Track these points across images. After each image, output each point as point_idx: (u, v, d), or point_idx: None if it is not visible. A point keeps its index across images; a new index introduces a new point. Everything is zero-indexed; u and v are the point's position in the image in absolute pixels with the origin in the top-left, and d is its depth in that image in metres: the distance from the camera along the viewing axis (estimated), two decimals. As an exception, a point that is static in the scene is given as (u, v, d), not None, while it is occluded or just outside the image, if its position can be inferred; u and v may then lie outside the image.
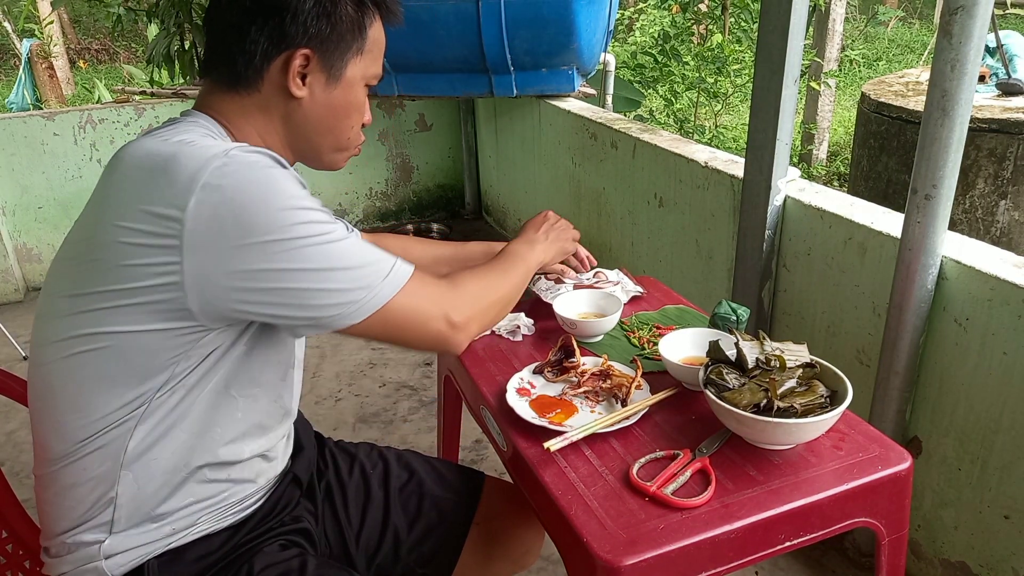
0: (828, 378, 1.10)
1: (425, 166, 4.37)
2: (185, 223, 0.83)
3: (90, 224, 0.92)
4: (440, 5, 2.76)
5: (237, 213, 0.84)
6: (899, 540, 1.12)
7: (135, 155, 0.90)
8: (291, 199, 0.87)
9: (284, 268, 0.87)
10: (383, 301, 0.93)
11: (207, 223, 0.83)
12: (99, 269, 0.88)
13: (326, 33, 0.98)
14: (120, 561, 0.97)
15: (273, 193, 0.86)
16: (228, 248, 0.84)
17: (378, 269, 0.94)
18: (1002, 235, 3.06)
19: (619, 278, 1.60)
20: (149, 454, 0.94)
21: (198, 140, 0.91)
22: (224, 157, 0.85)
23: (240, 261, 0.85)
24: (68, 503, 0.96)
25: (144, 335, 0.88)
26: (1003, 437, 1.48)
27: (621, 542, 0.93)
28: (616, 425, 1.13)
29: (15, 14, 9.74)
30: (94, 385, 0.91)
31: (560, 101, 3.20)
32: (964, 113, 1.40)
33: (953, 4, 1.33)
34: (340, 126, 1.06)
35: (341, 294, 0.90)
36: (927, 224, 1.47)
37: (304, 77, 0.99)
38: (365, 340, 3.05)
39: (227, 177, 0.84)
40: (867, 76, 8.85)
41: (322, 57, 0.99)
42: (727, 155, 2.29)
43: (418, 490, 1.31)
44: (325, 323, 0.92)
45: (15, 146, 3.53)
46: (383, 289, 0.93)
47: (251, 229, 0.84)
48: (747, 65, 4.73)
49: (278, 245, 0.86)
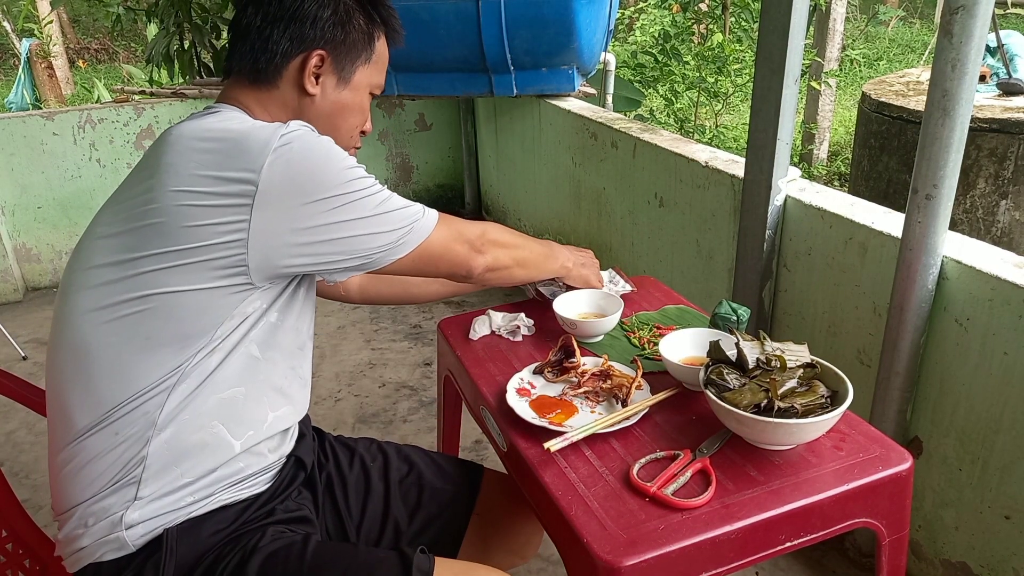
0: (829, 378, 1.09)
1: (425, 166, 4.36)
2: (260, 184, 0.93)
3: (138, 195, 0.99)
4: (440, 4, 2.76)
5: (306, 173, 0.96)
6: (900, 540, 1.12)
7: (194, 133, 0.99)
8: (345, 159, 1.01)
9: (344, 220, 0.98)
10: (422, 238, 1.07)
11: (279, 182, 0.94)
12: (159, 232, 0.95)
13: (340, 39, 1.11)
14: (140, 531, 0.99)
15: (332, 156, 1.00)
16: (296, 205, 0.95)
17: (413, 211, 1.07)
18: (1003, 235, 3.05)
19: (611, 277, 1.60)
20: (181, 416, 0.99)
21: (249, 120, 1.04)
22: (287, 128, 0.97)
23: (307, 216, 0.96)
24: (95, 471, 0.99)
25: (196, 294, 0.96)
26: (1004, 437, 1.48)
27: (621, 543, 0.93)
28: (616, 425, 1.13)
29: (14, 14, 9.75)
30: (138, 348, 0.97)
31: (560, 101, 3.20)
32: (965, 113, 1.40)
33: (954, 4, 1.33)
34: (344, 125, 1.16)
35: (388, 235, 1.03)
36: (928, 224, 1.47)
37: (318, 77, 1.11)
38: (364, 340, 3.06)
39: (295, 142, 0.96)
40: (868, 76, 8.85)
41: (335, 60, 1.11)
42: (727, 155, 2.29)
43: (417, 482, 1.33)
44: (375, 261, 1.05)
45: (14, 146, 3.53)
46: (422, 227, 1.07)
47: (318, 186, 0.96)
48: (747, 65, 4.73)
49: (339, 199, 0.98)
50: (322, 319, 3.22)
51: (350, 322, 3.23)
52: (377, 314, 3.29)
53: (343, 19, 1.11)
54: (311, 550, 1.04)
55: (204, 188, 0.94)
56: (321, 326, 3.17)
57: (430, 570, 1.02)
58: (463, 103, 4.13)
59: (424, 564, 1.02)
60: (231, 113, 1.07)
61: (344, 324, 3.22)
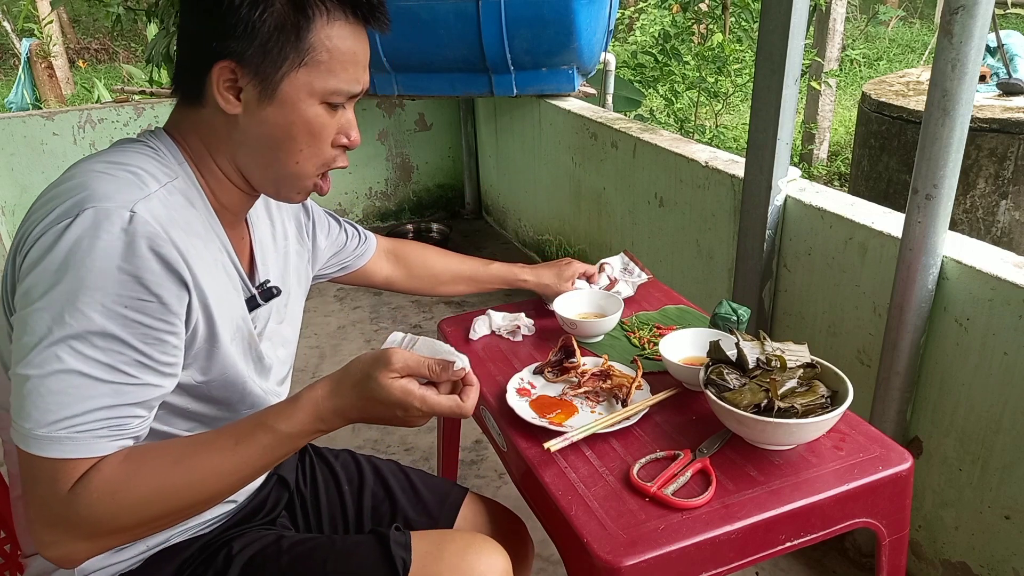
0: (829, 378, 1.09)
1: (425, 166, 4.36)
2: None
3: None
4: (440, 4, 2.76)
5: (43, 274, 0.78)
6: (900, 540, 1.12)
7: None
8: (107, 298, 0.77)
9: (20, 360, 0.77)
10: (25, 445, 0.77)
11: (24, 267, 0.80)
12: None
13: (249, 42, 0.85)
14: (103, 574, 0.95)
15: (93, 283, 0.77)
16: (19, 301, 0.79)
17: (58, 419, 0.76)
18: (1003, 235, 3.05)
19: (624, 264, 1.60)
20: None
21: (98, 175, 0.83)
22: (98, 204, 0.79)
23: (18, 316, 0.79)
24: None
25: None
26: (1004, 437, 1.48)
27: (621, 543, 0.93)
28: (616, 425, 1.13)
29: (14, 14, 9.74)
30: None
31: (560, 101, 3.20)
32: (965, 113, 1.40)
33: (954, 4, 1.33)
34: (283, 149, 0.91)
35: (17, 408, 0.77)
36: (928, 224, 1.47)
37: (239, 92, 0.88)
38: (364, 340, 3.06)
39: (70, 232, 0.77)
40: (868, 76, 8.85)
41: (250, 70, 0.87)
42: (728, 155, 2.29)
43: (390, 511, 1.26)
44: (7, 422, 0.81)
45: (14, 146, 3.53)
46: (34, 437, 0.76)
47: (41, 296, 0.77)
48: (747, 65, 4.73)
49: (44, 330, 0.76)
50: (322, 319, 3.22)
51: (350, 322, 3.23)
52: (377, 314, 3.29)
53: (249, 15, 0.84)
54: (287, 547, 1.03)
55: None
56: (321, 326, 3.17)
57: (407, 543, 1.01)
58: (463, 103, 4.13)
59: (401, 539, 1.01)
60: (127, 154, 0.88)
61: (344, 324, 3.22)
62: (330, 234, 1.29)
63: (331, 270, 1.34)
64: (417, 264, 1.47)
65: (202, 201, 0.93)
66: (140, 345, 0.80)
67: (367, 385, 0.87)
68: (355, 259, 1.37)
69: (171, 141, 0.93)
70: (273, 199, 1.08)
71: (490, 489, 2.05)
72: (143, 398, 0.82)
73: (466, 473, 2.11)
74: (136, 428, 0.82)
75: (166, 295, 0.81)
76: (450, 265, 1.49)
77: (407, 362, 0.87)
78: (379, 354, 0.88)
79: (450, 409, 0.89)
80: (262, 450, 0.85)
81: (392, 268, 1.45)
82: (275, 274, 1.08)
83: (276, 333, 1.08)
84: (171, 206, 0.85)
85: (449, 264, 1.49)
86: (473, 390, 0.92)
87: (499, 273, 1.51)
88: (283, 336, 1.10)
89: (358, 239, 1.36)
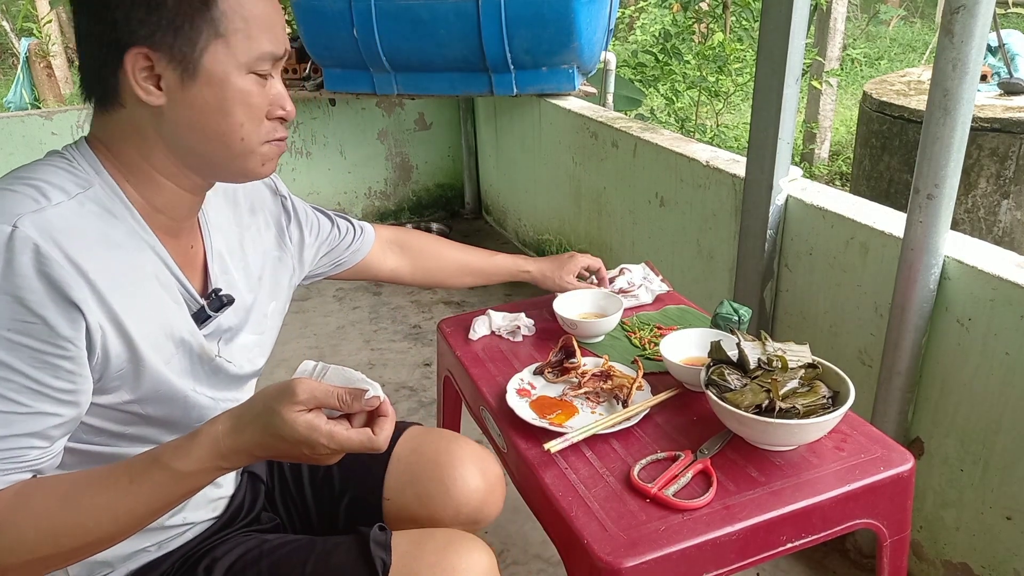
0: (830, 379, 1.09)
1: (425, 165, 4.36)
2: None
3: None
4: (440, 4, 2.76)
5: None
6: (901, 541, 1.12)
7: None
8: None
9: None
10: None
11: None
12: None
13: (156, 23, 0.80)
14: None
15: None
16: None
17: None
18: (1004, 235, 3.05)
19: (645, 273, 1.60)
20: None
21: None
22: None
23: None
24: None
25: None
26: (1005, 438, 1.47)
27: (622, 544, 0.93)
28: (617, 426, 1.12)
29: (13, 13, 9.74)
30: None
31: (560, 100, 3.19)
32: (966, 112, 1.39)
33: (955, 3, 1.33)
34: (223, 128, 0.86)
35: None
36: (929, 224, 1.46)
37: (159, 80, 0.83)
38: (363, 340, 3.06)
39: None
40: (869, 75, 8.84)
41: (164, 53, 0.81)
42: (728, 154, 2.29)
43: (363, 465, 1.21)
44: None
45: (13, 145, 3.52)
46: None
47: None
48: (748, 64, 4.72)
49: None
50: (321, 319, 3.21)
51: (349, 322, 3.23)
52: (376, 314, 3.28)
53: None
54: (268, 550, 1.03)
55: None
56: (320, 326, 3.16)
57: (387, 543, 0.99)
58: (463, 102, 4.13)
59: (381, 538, 1.00)
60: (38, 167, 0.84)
61: (344, 324, 3.21)
62: (319, 232, 1.22)
63: (324, 268, 1.29)
64: (424, 254, 1.42)
65: (126, 210, 0.86)
66: (29, 370, 0.74)
67: (270, 420, 0.78)
68: (351, 255, 1.31)
69: (89, 150, 0.87)
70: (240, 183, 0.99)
71: (490, 489, 2.05)
72: (37, 428, 0.76)
73: (466, 473, 2.11)
74: (34, 460, 0.77)
75: (51, 317, 0.75)
76: (457, 255, 1.45)
77: (314, 393, 0.79)
78: (284, 386, 0.80)
79: (361, 444, 0.81)
80: (157, 489, 0.78)
81: (397, 259, 1.39)
82: (238, 282, 1.02)
83: (248, 341, 1.03)
84: (81, 217, 0.80)
85: (456, 254, 1.45)
86: (388, 422, 0.84)
87: (503, 264, 1.49)
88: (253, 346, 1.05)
89: (353, 234, 1.30)
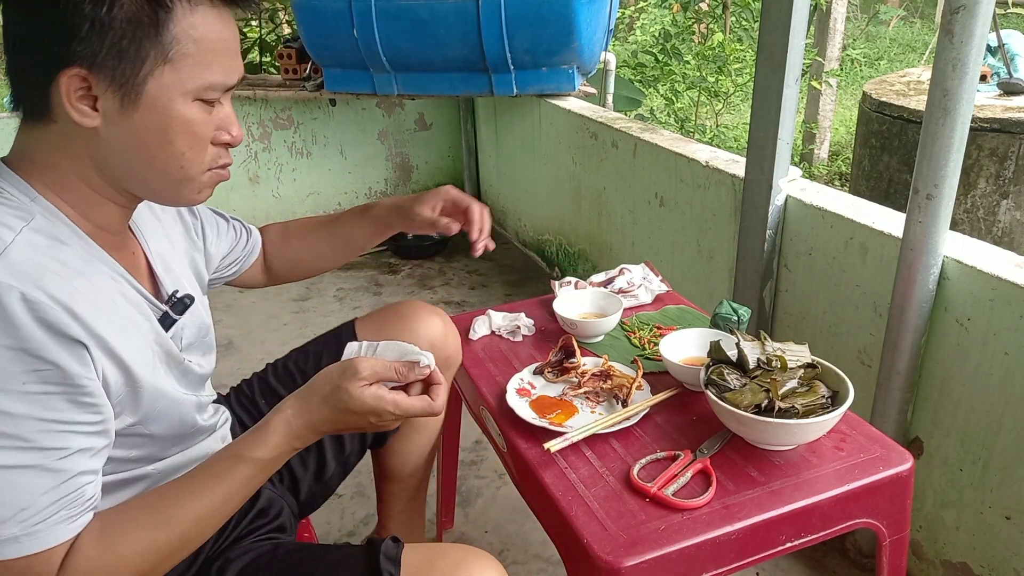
0: (829, 378, 1.09)
1: (425, 166, 4.36)
2: None
3: None
4: (440, 4, 2.76)
5: None
6: (900, 541, 1.12)
7: None
8: None
9: None
10: None
11: None
12: None
13: (99, 44, 0.74)
14: None
15: None
16: None
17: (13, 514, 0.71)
18: (1004, 235, 3.05)
19: (645, 273, 1.60)
20: None
21: None
22: None
23: None
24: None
25: None
26: (1004, 438, 1.47)
27: (622, 543, 0.93)
28: (617, 426, 1.13)
29: None
30: None
31: (560, 100, 3.19)
32: (966, 113, 1.40)
33: (954, 3, 1.33)
34: (162, 155, 0.81)
35: None
36: (928, 224, 1.47)
37: (96, 101, 0.77)
38: (365, 340, 3.05)
39: None
40: (868, 75, 8.84)
41: (105, 76, 0.75)
42: (728, 154, 2.29)
43: None
44: None
45: (10, 145, 3.52)
46: None
47: None
48: (748, 64, 4.73)
49: None
50: (322, 319, 3.21)
51: (350, 322, 3.23)
52: (377, 314, 3.28)
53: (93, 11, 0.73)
54: (280, 556, 1.03)
55: None
56: (321, 326, 3.16)
57: (397, 557, 0.97)
58: (463, 103, 4.13)
59: (391, 552, 0.97)
60: None
61: (344, 324, 3.21)
62: (220, 232, 1.19)
63: (228, 272, 1.25)
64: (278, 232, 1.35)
65: (73, 233, 0.82)
66: (56, 415, 0.73)
67: (339, 396, 0.88)
68: (246, 257, 1.27)
69: (13, 173, 0.81)
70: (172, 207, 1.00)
71: (490, 489, 2.05)
72: (82, 466, 0.76)
73: (466, 473, 2.11)
74: (91, 497, 0.77)
75: (62, 360, 0.73)
76: (303, 222, 1.36)
77: (375, 369, 0.89)
78: (345, 365, 0.89)
79: (422, 409, 0.91)
80: (245, 481, 0.86)
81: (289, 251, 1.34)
82: (184, 280, 1.02)
83: (200, 342, 1.03)
84: (38, 252, 0.75)
85: (303, 222, 1.36)
86: (442, 388, 0.93)
87: (351, 213, 1.34)
88: (207, 344, 1.05)
89: (246, 234, 1.27)
